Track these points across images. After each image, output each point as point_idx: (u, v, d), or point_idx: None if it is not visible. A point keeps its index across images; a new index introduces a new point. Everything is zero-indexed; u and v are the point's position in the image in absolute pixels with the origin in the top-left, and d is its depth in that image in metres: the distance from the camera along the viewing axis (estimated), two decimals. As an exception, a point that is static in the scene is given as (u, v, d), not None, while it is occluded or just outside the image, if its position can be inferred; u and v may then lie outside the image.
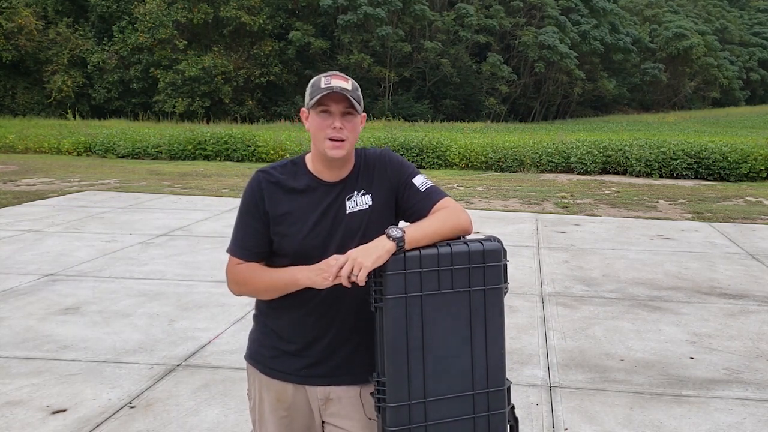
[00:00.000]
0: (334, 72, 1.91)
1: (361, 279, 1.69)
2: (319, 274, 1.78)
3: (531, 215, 9.80)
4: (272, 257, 1.97)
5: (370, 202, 1.92)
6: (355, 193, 1.92)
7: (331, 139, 1.84)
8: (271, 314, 1.98)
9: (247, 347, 2.08)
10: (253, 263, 1.93)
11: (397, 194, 1.95)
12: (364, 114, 1.97)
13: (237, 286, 1.96)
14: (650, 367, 4.31)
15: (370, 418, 1.93)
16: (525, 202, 11.04)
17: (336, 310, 1.90)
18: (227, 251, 1.98)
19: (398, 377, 1.75)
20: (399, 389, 1.75)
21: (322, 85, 1.84)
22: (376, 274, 1.74)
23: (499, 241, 1.83)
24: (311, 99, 1.85)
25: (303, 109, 1.93)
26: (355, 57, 42.97)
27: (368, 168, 1.96)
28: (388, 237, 1.73)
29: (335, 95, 1.83)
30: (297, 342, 1.94)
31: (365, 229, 1.89)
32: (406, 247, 1.74)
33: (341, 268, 1.72)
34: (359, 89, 1.91)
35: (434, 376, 1.77)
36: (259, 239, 1.92)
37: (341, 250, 1.85)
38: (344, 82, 1.86)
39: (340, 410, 1.95)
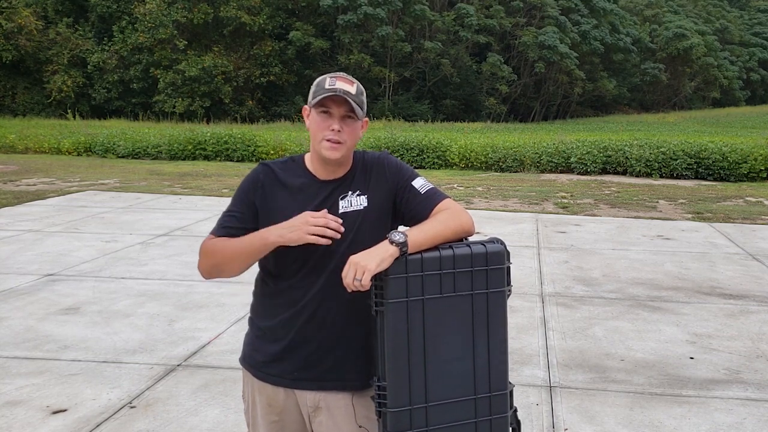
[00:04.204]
0: (340, 74, 1.89)
1: (365, 282, 1.67)
2: (292, 231, 1.75)
3: (531, 215, 9.80)
4: (263, 257, 1.97)
5: (365, 203, 1.91)
6: (350, 192, 1.91)
7: (328, 140, 1.84)
8: (263, 314, 1.98)
9: (242, 350, 2.08)
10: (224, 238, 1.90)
11: (396, 197, 1.94)
12: (367, 119, 1.96)
13: (205, 259, 1.90)
14: (650, 367, 4.31)
15: (360, 426, 1.92)
16: (525, 202, 11.03)
17: (326, 311, 1.88)
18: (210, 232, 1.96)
19: (399, 381, 1.73)
20: (400, 394, 1.73)
21: (326, 86, 1.83)
22: (378, 278, 1.72)
23: (502, 243, 1.82)
24: (314, 98, 1.85)
25: (305, 106, 1.93)
26: (355, 57, 42.95)
27: (366, 170, 1.95)
28: (391, 242, 1.71)
29: (337, 98, 1.82)
30: (287, 343, 1.92)
31: (357, 229, 1.88)
32: (409, 251, 1.72)
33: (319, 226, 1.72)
34: (364, 94, 1.90)
35: (436, 380, 1.75)
36: (240, 221, 1.91)
37: (331, 251, 1.85)
38: (349, 86, 1.84)
39: (328, 420, 1.94)
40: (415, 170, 2.01)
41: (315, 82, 1.89)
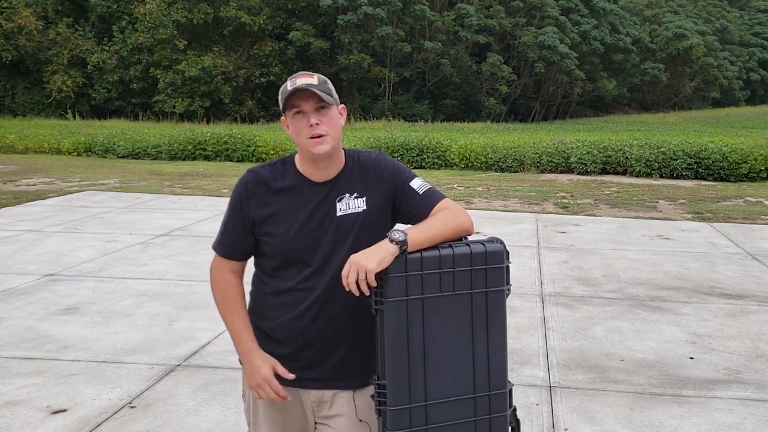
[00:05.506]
0: (299, 72, 1.90)
1: (371, 282, 1.69)
2: (251, 380, 1.93)
3: (531, 215, 9.80)
4: (261, 259, 1.97)
5: (364, 206, 1.90)
6: (347, 195, 1.90)
7: (311, 138, 1.83)
8: (264, 316, 1.98)
9: None
10: (234, 284, 2.01)
11: (395, 198, 1.93)
12: (343, 105, 1.95)
13: (213, 289, 2.08)
14: (650, 367, 4.31)
15: (361, 420, 1.93)
16: (525, 202, 11.03)
17: (328, 314, 1.89)
18: (212, 245, 2.05)
19: (399, 380, 1.74)
20: (400, 392, 1.74)
21: (289, 88, 1.83)
22: (377, 276, 1.72)
23: (501, 242, 1.82)
24: (282, 104, 1.85)
25: (282, 117, 1.91)
26: (355, 57, 42.93)
27: (363, 171, 1.94)
28: (391, 240, 1.71)
29: (303, 93, 1.82)
30: (289, 345, 1.93)
31: (357, 232, 1.87)
32: (409, 249, 1.73)
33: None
34: (329, 82, 1.89)
35: (435, 379, 1.76)
36: (237, 239, 1.97)
37: (332, 253, 1.86)
38: (309, 79, 1.84)
39: (332, 411, 1.96)
40: (413, 170, 2.00)
41: (280, 91, 1.89)
